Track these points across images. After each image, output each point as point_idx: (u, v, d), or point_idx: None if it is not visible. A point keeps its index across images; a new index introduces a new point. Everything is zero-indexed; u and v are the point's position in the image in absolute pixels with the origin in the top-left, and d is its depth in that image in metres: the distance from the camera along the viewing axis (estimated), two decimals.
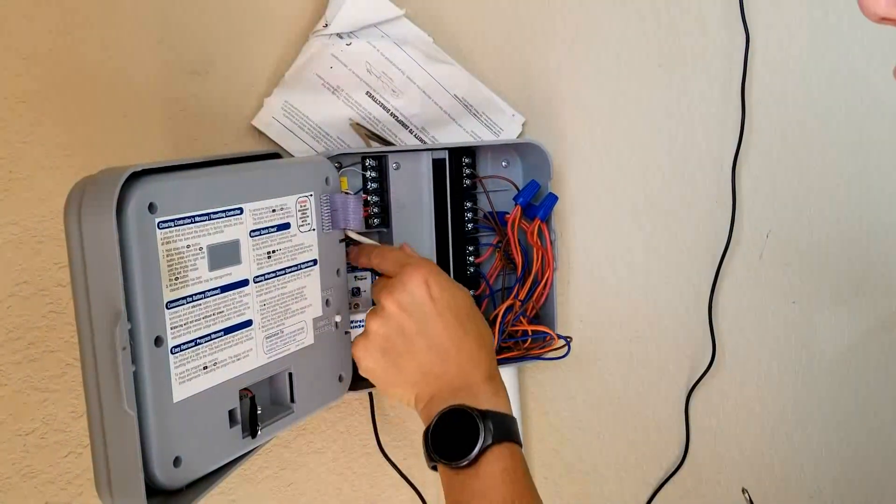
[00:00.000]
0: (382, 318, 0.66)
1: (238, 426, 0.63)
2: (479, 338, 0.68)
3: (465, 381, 0.66)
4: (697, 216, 0.99)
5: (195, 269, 0.58)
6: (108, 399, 0.54)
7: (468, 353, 0.67)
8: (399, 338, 0.66)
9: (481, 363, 0.67)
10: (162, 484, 0.57)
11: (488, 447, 0.62)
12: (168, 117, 0.75)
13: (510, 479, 0.62)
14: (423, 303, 0.66)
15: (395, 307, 0.66)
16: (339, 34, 0.78)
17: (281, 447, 0.83)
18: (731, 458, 1.06)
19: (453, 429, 0.63)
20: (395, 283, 0.67)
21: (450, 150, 0.81)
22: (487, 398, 0.65)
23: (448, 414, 0.64)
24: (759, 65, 0.99)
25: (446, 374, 0.66)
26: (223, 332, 0.61)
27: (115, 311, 0.52)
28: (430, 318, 0.66)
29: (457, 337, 0.67)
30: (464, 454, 0.62)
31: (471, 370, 0.67)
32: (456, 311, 0.67)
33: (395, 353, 0.67)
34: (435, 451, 0.63)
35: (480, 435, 0.62)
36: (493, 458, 0.62)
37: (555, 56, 0.91)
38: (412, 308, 0.66)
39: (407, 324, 0.66)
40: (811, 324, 1.07)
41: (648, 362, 1.00)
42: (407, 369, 0.67)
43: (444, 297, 0.67)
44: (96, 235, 0.52)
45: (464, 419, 0.63)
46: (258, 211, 0.64)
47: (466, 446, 0.62)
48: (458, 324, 0.67)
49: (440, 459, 0.63)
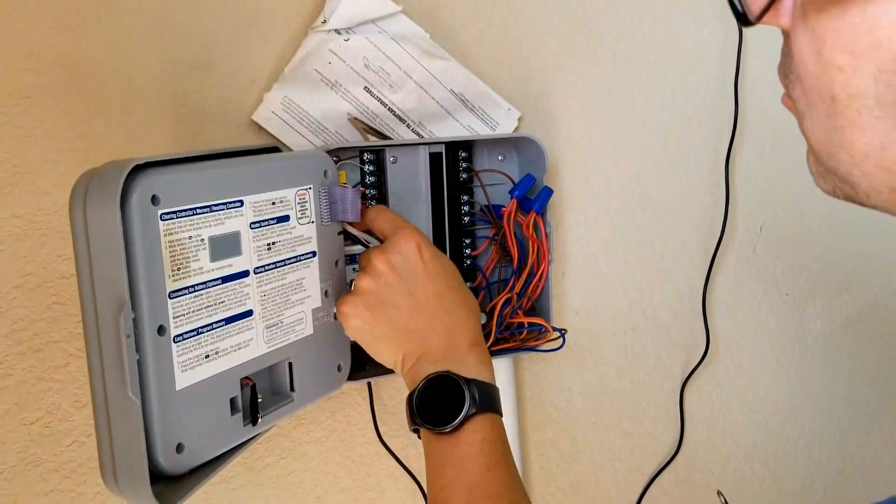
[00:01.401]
0: (372, 275, 0.67)
1: (239, 414, 0.65)
2: (466, 304, 0.70)
3: (452, 344, 0.67)
4: (692, 209, 1.00)
5: (197, 260, 0.60)
6: (112, 387, 0.55)
7: (456, 317, 0.68)
8: (388, 295, 0.67)
9: (468, 328, 0.69)
10: (165, 470, 0.58)
11: (472, 416, 0.63)
12: (170, 112, 0.76)
13: (488, 448, 0.63)
14: (414, 264, 0.68)
15: (385, 266, 0.67)
16: (337, 30, 0.79)
17: (281, 436, 0.84)
18: (725, 448, 1.07)
19: (439, 395, 0.65)
20: (388, 244, 0.69)
21: (446, 144, 0.82)
22: (474, 365, 0.67)
23: (435, 379, 0.65)
24: (753, 59, 1.00)
25: (434, 334, 0.67)
26: (224, 321, 0.62)
27: (120, 301, 0.54)
28: (420, 279, 0.68)
29: (445, 300, 0.68)
30: (447, 420, 0.63)
31: (458, 334, 0.68)
32: (445, 277, 0.69)
33: (384, 309, 0.67)
34: (419, 416, 0.65)
35: (465, 403, 0.63)
36: (476, 426, 0.64)
37: (550, 51, 0.92)
38: (403, 267, 0.67)
39: (396, 283, 0.67)
40: (804, 316, 1.08)
41: (643, 354, 1.01)
42: (395, 326, 0.67)
43: (435, 263, 0.69)
44: (101, 227, 0.53)
45: (450, 386, 0.64)
46: (258, 203, 0.65)
47: (451, 413, 0.64)
48: (447, 288, 0.69)
49: (424, 424, 0.64)
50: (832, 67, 0.39)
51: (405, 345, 0.68)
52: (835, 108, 0.40)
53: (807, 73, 0.41)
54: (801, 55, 0.41)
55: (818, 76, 0.40)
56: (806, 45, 0.40)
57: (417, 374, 0.66)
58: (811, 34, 0.39)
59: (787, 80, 0.44)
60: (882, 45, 0.36)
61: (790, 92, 0.44)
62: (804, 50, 0.40)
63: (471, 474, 0.62)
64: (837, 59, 0.38)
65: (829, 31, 0.38)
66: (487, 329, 0.82)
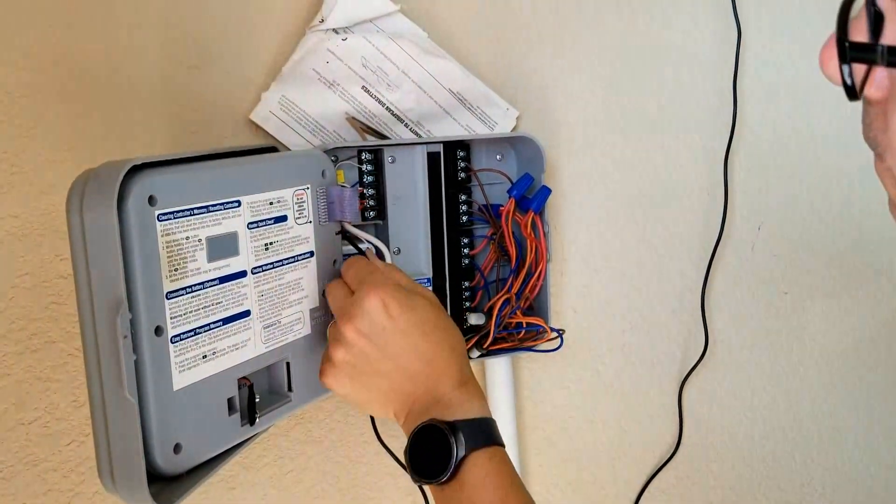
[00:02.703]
0: (345, 347, 0.65)
1: (237, 414, 0.65)
2: (447, 347, 0.67)
3: (437, 391, 0.65)
4: (690, 208, 1.00)
5: (194, 261, 0.60)
6: (109, 387, 0.55)
7: (436, 364, 0.66)
8: (364, 364, 0.65)
9: (450, 372, 0.66)
10: (162, 470, 0.58)
11: (465, 458, 0.62)
12: (167, 111, 0.76)
13: (493, 483, 0.62)
14: (383, 325, 0.64)
15: (354, 334, 0.64)
16: (334, 29, 0.79)
17: (279, 436, 0.84)
18: (724, 446, 1.07)
19: (428, 445, 0.63)
20: (353, 307, 0.65)
21: (444, 143, 0.82)
22: (460, 405, 0.65)
23: (420, 431, 0.63)
24: (751, 58, 1.00)
25: (416, 390, 0.66)
26: (222, 321, 0.62)
27: (117, 302, 0.54)
28: (392, 338, 0.64)
29: (423, 350, 0.65)
30: (441, 471, 0.62)
31: (441, 380, 0.66)
32: (420, 326, 0.65)
33: (364, 377, 0.65)
34: (414, 471, 0.63)
35: (453, 449, 0.62)
36: (472, 466, 0.62)
37: (548, 50, 0.92)
38: (372, 332, 0.64)
39: (369, 349, 0.64)
40: (803, 314, 1.08)
41: (642, 353, 1.01)
42: (379, 389, 0.66)
43: (404, 316, 0.65)
44: (98, 227, 0.53)
45: (435, 435, 0.63)
46: (256, 203, 0.65)
47: (443, 462, 0.62)
48: (423, 338, 0.65)
49: (422, 480, 0.63)
50: None
51: (392, 404, 0.67)
52: None
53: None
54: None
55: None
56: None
57: (407, 430, 0.65)
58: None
59: (879, 149, 0.45)
60: None
61: (883, 160, 0.45)
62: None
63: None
64: None
65: None
66: (486, 330, 0.82)
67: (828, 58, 0.43)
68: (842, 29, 0.40)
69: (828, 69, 0.43)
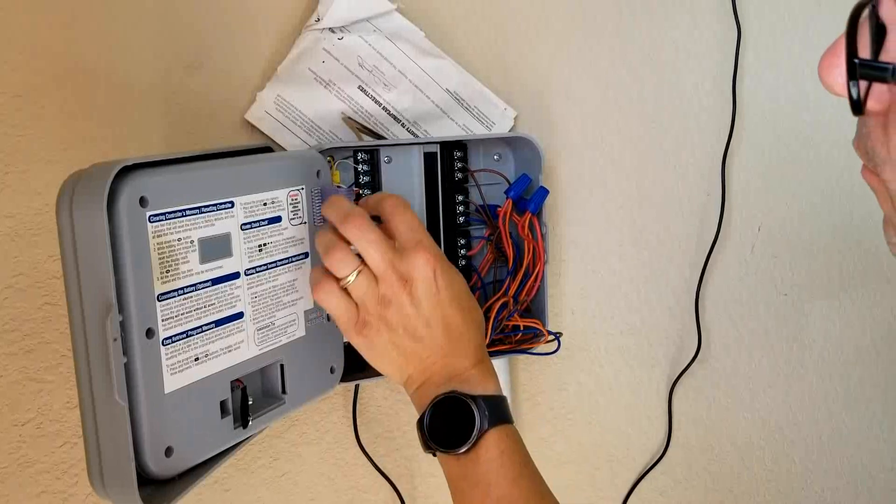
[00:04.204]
0: (395, 306, 0.64)
1: (230, 416, 0.64)
2: (474, 325, 0.68)
3: (457, 366, 0.67)
4: (689, 209, 1.00)
5: (186, 262, 0.59)
6: (99, 390, 0.54)
7: (462, 340, 0.67)
8: (405, 325, 0.65)
9: (471, 349, 0.68)
10: (154, 473, 0.58)
11: (485, 432, 0.63)
12: (164, 111, 0.76)
13: (509, 460, 0.63)
14: (432, 293, 0.65)
15: (407, 297, 0.64)
16: (331, 28, 0.79)
17: (274, 437, 0.84)
18: (722, 448, 1.07)
19: (449, 416, 0.64)
20: (409, 268, 0.64)
21: (441, 143, 0.82)
22: (479, 381, 0.66)
23: (442, 402, 0.64)
24: (751, 59, 0.99)
25: (440, 359, 0.66)
26: (214, 324, 0.62)
27: (107, 304, 0.53)
28: (434, 309, 0.65)
29: (454, 326, 0.66)
30: (461, 441, 0.63)
31: (462, 355, 0.67)
32: (458, 301, 0.67)
33: (397, 338, 0.65)
34: (432, 440, 0.64)
35: (476, 420, 0.63)
36: (491, 441, 0.63)
37: (546, 50, 0.91)
38: (423, 298, 0.64)
39: (413, 313, 0.64)
40: (802, 316, 1.08)
41: (640, 354, 1.00)
42: (404, 353, 0.66)
43: (448, 289, 0.66)
44: (87, 229, 0.53)
45: (458, 406, 0.64)
46: (249, 204, 0.64)
47: (463, 433, 0.63)
48: (458, 313, 0.66)
49: (439, 448, 0.64)
50: None
51: (410, 368, 0.67)
52: None
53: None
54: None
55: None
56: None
57: (424, 398, 0.66)
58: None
59: (875, 161, 0.45)
60: None
61: (879, 172, 0.45)
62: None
63: (498, 488, 0.62)
64: None
65: None
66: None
67: (827, 67, 0.42)
68: (851, 44, 0.40)
69: (828, 79, 0.43)
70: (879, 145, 0.44)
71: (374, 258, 0.64)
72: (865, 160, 0.46)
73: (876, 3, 0.40)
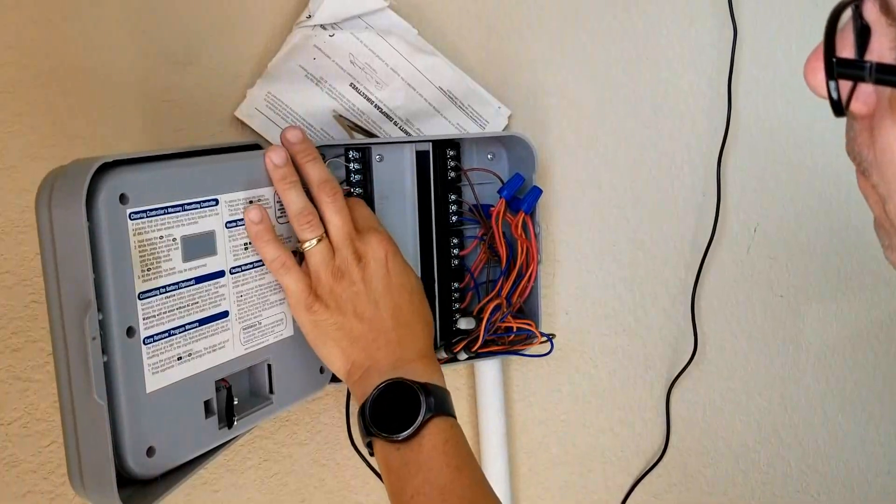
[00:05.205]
0: (346, 280, 0.66)
1: (214, 417, 0.63)
2: (422, 320, 0.70)
3: (402, 355, 0.67)
4: (683, 210, 0.99)
5: (168, 260, 0.59)
6: (78, 389, 0.54)
7: (409, 330, 0.68)
8: (353, 302, 0.66)
9: (418, 343, 0.68)
10: (135, 473, 0.57)
11: (430, 419, 0.63)
12: (153, 108, 0.75)
13: (453, 450, 0.63)
14: (382, 275, 0.67)
15: (358, 272, 0.66)
16: (322, 25, 0.78)
17: (264, 438, 0.83)
18: (718, 450, 1.06)
19: (393, 402, 0.64)
20: (363, 245, 0.67)
21: (434, 142, 0.81)
22: (424, 373, 0.66)
23: (388, 387, 0.64)
24: (747, 59, 0.98)
25: (386, 345, 0.67)
26: (198, 322, 0.61)
27: (86, 302, 0.52)
28: (384, 291, 0.67)
29: (404, 313, 0.68)
30: (405, 426, 0.62)
31: (409, 346, 0.67)
32: (408, 291, 0.69)
33: (343, 316, 0.66)
34: (375, 426, 0.63)
35: (422, 406, 0.63)
36: (436, 429, 0.63)
37: (541, 48, 0.90)
38: (373, 277, 0.67)
39: (362, 291, 0.66)
40: (798, 317, 1.07)
41: (634, 355, 1.00)
42: (349, 336, 0.66)
43: (399, 277, 0.68)
44: (66, 226, 0.52)
45: (404, 392, 0.64)
46: (234, 202, 0.64)
47: (407, 419, 0.63)
48: (406, 303, 0.68)
49: (381, 434, 0.63)
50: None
51: (354, 353, 0.67)
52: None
53: (892, 163, 0.41)
54: (888, 145, 0.41)
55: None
56: (894, 137, 0.41)
57: (367, 385, 0.65)
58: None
59: (863, 165, 0.44)
60: None
61: (868, 176, 0.44)
62: (891, 141, 0.41)
63: (441, 476, 0.61)
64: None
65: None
66: (475, 335, 0.80)
67: (812, 70, 0.42)
68: (829, 44, 0.39)
69: (812, 81, 0.42)
70: (866, 149, 0.43)
71: (337, 226, 0.66)
72: (857, 163, 0.45)
73: (859, 4, 0.39)
